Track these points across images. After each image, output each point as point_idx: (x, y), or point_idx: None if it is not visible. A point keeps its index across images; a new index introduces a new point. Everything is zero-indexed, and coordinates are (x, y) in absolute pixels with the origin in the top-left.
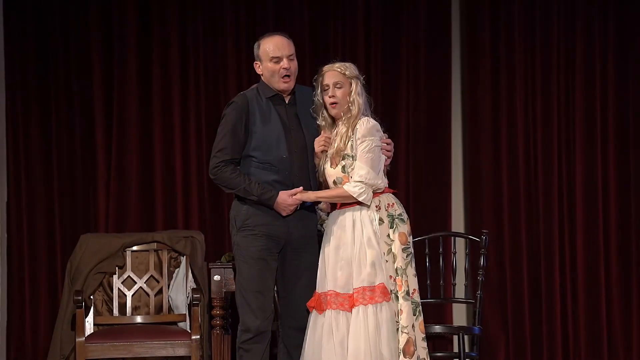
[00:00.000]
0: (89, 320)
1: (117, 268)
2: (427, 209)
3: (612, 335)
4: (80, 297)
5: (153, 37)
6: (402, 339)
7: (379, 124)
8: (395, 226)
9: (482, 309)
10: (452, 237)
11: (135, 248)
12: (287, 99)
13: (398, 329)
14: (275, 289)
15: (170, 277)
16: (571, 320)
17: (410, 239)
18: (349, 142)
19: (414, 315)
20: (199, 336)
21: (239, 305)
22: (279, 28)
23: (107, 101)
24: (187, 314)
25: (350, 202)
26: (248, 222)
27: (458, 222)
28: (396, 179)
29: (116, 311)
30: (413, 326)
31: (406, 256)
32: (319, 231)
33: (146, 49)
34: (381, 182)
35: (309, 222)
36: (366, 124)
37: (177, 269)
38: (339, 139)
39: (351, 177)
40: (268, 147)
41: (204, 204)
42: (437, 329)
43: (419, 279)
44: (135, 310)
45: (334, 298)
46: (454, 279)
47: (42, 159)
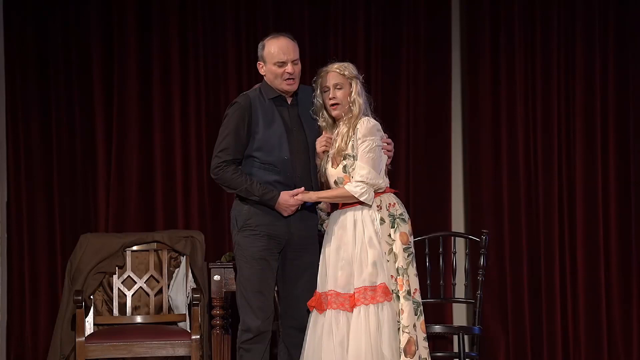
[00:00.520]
0: (89, 320)
1: (117, 268)
2: (427, 208)
3: (612, 335)
4: (80, 297)
5: (153, 37)
6: (404, 338)
7: (379, 124)
8: (396, 226)
9: (482, 308)
10: (452, 237)
11: (135, 248)
12: (289, 100)
13: (399, 328)
14: (276, 288)
15: (170, 277)
16: (571, 320)
17: (411, 238)
18: (350, 142)
19: (415, 315)
20: (199, 336)
21: (240, 305)
22: (279, 28)
23: (107, 101)
24: (187, 314)
25: (352, 202)
26: (249, 222)
27: (458, 222)
28: (396, 178)
29: (116, 311)
30: (414, 326)
31: (407, 256)
32: (319, 231)
33: (146, 49)
34: (382, 182)
35: (310, 223)
36: (367, 124)
37: (177, 269)
38: (340, 139)
39: (352, 177)
40: (270, 149)
41: (204, 204)
42: (437, 328)
43: (419, 278)
44: (135, 310)
45: (334, 298)
46: (454, 279)
47: (42, 159)
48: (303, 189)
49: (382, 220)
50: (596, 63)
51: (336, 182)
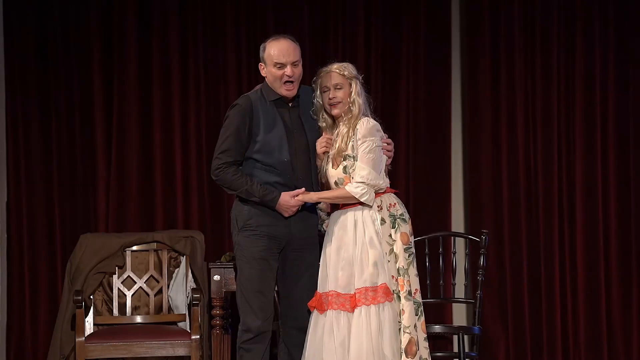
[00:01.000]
0: (89, 320)
1: (117, 268)
2: (427, 209)
3: (612, 335)
4: (80, 297)
5: (153, 37)
6: (405, 339)
7: (379, 124)
8: (397, 226)
9: (482, 308)
10: (452, 237)
11: (135, 248)
12: (290, 102)
13: (400, 329)
14: (276, 288)
15: (170, 277)
16: (571, 320)
17: (411, 238)
18: (349, 143)
19: (416, 315)
20: (198, 336)
21: (240, 305)
22: (278, 28)
23: (107, 101)
24: (187, 314)
25: (352, 202)
26: (250, 222)
27: (458, 222)
28: (396, 179)
29: (116, 311)
30: (415, 326)
31: (408, 256)
32: (320, 231)
33: (146, 48)
34: (383, 183)
35: (310, 223)
36: (366, 124)
37: (177, 268)
38: (340, 139)
39: (352, 178)
40: (270, 151)
41: (204, 204)
42: (437, 328)
43: (418, 278)
44: (135, 310)
45: (335, 298)
46: (453, 279)
47: (42, 159)
48: (304, 189)
49: (382, 220)
50: (596, 63)
51: (337, 183)
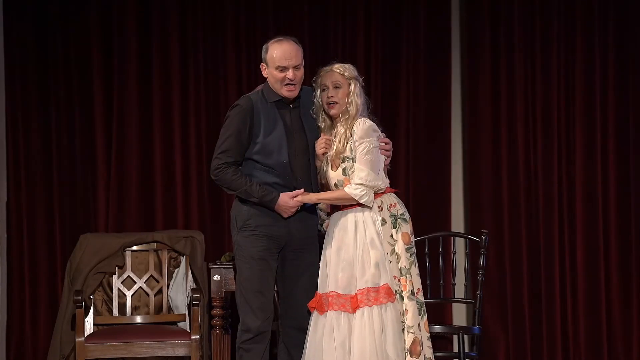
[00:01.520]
0: (89, 320)
1: (117, 268)
2: (427, 209)
3: (612, 335)
4: (80, 297)
5: (153, 37)
6: (409, 339)
7: (375, 124)
8: (398, 226)
9: (482, 308)
10: (452, 237)
11: (135, 248)
12: (291, 103)
13: (404, 329)
14: (276, 289)
15: (170, 277)
16: (571, 320)
17: (412, 238)
18: (347, 144)
19: (419, 314)
20: (198, 336)
21: (240, 305)
22: (278, 28)
23: (107, 101)
24: (187, 314)
25: (352, 203)
26: (249, 222)
27: (458, 222)
28: (396, 178)
29: (116, 311)
30: (419, 326)
31: (410, 256)
32: (319, 231)
33: (146, 49)
34: (382, 183)
35: (309, 223)
36: (362, 125)
37: (177, 269)
38: (337, 140)
39: (352, 180)
40: (269, 152)
41: (204, 204)
42: (437, 328)
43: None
44: (135, 310)
45: (335, 299)
46: (453, 279)
47: (42, 159)
48: (303, 190)
49: (383, 220)
50: (596, 62)
51: (337, 185)
